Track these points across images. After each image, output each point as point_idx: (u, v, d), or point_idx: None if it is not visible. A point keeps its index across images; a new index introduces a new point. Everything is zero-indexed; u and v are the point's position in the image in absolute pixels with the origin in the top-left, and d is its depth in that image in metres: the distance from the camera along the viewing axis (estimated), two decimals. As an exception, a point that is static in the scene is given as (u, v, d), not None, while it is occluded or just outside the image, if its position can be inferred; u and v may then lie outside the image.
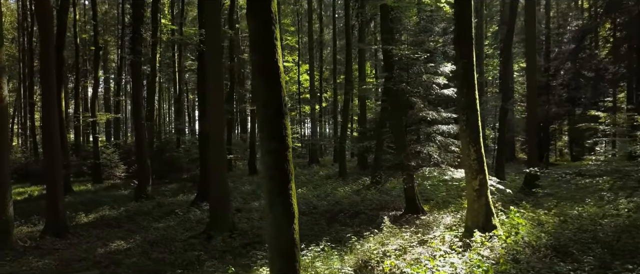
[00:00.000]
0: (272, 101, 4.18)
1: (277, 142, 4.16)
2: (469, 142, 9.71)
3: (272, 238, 4.38)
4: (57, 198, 13.03)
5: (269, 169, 4.19)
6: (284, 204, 4.21)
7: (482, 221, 9.58)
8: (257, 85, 4.26)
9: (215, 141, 11.04)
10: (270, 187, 4.22)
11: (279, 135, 4.16)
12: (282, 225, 4.23)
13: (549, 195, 15.33)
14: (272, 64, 4.17)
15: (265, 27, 4.18)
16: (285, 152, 4.21)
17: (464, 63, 9.72)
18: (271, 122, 4.16)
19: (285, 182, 4.24)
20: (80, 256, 10.49)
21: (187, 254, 9.50)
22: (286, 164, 4.21)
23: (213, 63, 10.92)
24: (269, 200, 4.29)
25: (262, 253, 8.80)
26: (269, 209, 4.30)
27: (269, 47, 4.17)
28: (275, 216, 4.23)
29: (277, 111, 4.19)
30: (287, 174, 4.23)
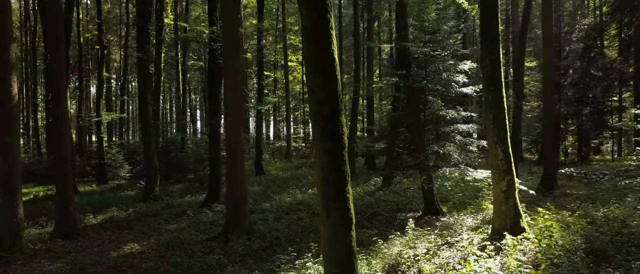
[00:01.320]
0: (328, 96, 3.87)
1: (334, 142, 3.85)
2: (496, 141, 9.42)
3: (328, 246, 4.07)
4: (67, 200, 12.73)
5: (325, 170, 3.87)
6: (342, 210, 3.90)
7: (510, 224, 9.29)
8: (310, 79, 3.95)
9: (232, 141, 10.72)
10: (326, 190, 3.91)
11: (335, 133, 3.85)
12: (339, 232, 3.92)
13: (566, 195, 15.06)
14: (327, 55, 3.85)
15: (319, 15, 3.86)
16: (342, 152, 3.90)
17: (491, 60, 9.42)
18: (327, 120, 3.85)
19: (343, 185, 3.93)
20: (93, 259, 10.17)
21: (206, 258, 9.18)
22: (343, 165, 3.90)
23: (230, 62, 10.62)
24: (324, 205, 3.97)
25: (285, 256, 8.49)
26: (324, 214, 3.99)
27: (324, 38, 3.85)
28: (332, 223, 3.92)
29: (333, 107, 3.88)
30: (344, 176, 3.92)
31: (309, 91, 4.00)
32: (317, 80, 3.87)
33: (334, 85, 3.93)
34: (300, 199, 16.37)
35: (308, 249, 8.93)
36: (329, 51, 3.84)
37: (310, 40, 3.90)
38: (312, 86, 3.94)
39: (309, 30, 3.89)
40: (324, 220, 4.01)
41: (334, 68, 3.88)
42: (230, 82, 10.82)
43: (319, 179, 4.00)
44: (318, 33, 3.84)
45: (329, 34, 3.86)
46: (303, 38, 3.98)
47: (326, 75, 3.87)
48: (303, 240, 10.34)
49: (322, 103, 3.87)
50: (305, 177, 23.67)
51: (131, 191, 22.24)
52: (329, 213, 3.94)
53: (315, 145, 4.00)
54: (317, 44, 3.86)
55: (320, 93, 3.87)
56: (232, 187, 10.87)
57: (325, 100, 3.87)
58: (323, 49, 3.83)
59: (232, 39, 10.75)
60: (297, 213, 13.73)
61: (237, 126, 10.85)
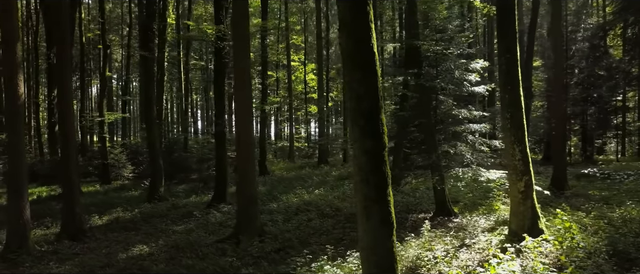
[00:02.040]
0: (367, 93, 3.68)
1: (374, 141, 3.66)
2: (513, 141, 9.24)
3: (368, 251, 3.88)
4: (73, 200, 12.55)
5: (364, 171, 3.69)
6: (383, 213, 3.72)
7: (528, 225, 9.11)
8: (347, 74, 3.76)
9: (243, 141, 10.53)
10: (367, 193, 3.72)
11: (376, 132, 3.67)
12: (380, 236, 3.74)
13: (577, 196, 14.89)
14: (367, 48, 3.66)
15: (359, 6, 3.66)
16: (383, 152, 3.72)
17: (508, 58, 9.25)
18: (366, 117, 3.67)
19: (384, 187, 3.75)
20: (102, 261, 9.99)
21: (219, 260, 8.99)
22: (384, 166, 3.72)
23: (240, 61, 10.44)
24: (364, 207, 3.79)
25: (300, 259, 8.31)
26: (364, 217, 3.80)
27: (363, 30, 3.67)
28: (373, 227, 3.73)
29: (373, 103, 3.69)
30: (385, 177, 3.74)
31: (346, 87, 3.81)
32: (356, 74, 3.67)
33: (374, 80, 3.74)
34: (307, 200, 16.19)
35: (323, 252, 8.75)
36: (368, 44, 3.65)
37: (349, 33, 3.70)
38: (350, 81, 3.75)
39: (348, 22, 3.69)
40: (363, 223, 3.82)
41: (374, 62, 3.69)
42: (240, 81, 10.63)
43: (357, 181, 3.81)
44: (357, 25, 3.65)
45: (368, 25, 3.67)
46: (340, 31, 3.80)
47: (365, 69, 3.68)
48: (316, 242, 10.15)
49: (361, 99, 3.68)
50: (310, 177, 23.49)
51: (135, 192, 22.05)
52: (369, 216, 3.75)
53: (353, 144, 3.81)
54: (356, 37, 3.67)
55: (358, 89, 3.68)
56: (243, 188, 10.68)
57: (365, 96, 3.69)
58: (362, 41, 3.65)
59: (242, 38, 10.57)
60: (306, 214, 13.54)
61: (248, 125, 10.66)
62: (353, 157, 3.87)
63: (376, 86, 3.77)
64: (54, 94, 26.58)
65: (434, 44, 12.00)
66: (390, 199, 3.81)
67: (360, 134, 3.71)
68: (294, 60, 44.25)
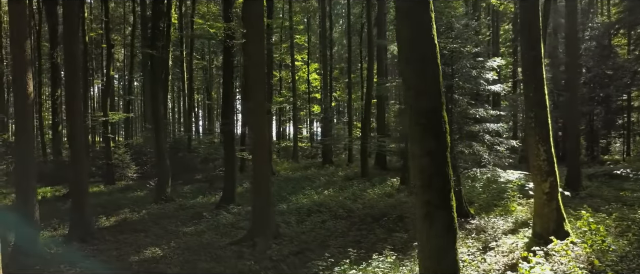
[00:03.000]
0: (429, 88, 3.44)
1: (437, 141, 3.43)
2: (537, 141, 9.01)
3: (431, 259, 3.64)
4: (82, 202, 12.32)
5: (427, 174, 3.45)
6: (447, 219, 3.48)
7: (553, 227, 8.87)
8: (406, 69, 3.51)
9: (258, 141, 10.29)
10: (428, 197, 3.48)
11: (438, 131, 3.43)
12: (443, 244, 3.50)
13: (592, 196, 14.65)
14: (428, 42, 3.42)
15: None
16: (445, 153, 3.48)
17: (533, 57, 9.02)
18: (428, 115, 3.43)
19: (447, 191, 3.51)
20: (114, 264, 9.76)
21: (237, 263, 8.74)
22: (447, 168, 3.48)
23: (256, 59, 10.19)
24: (426, 213, 3.55)
25: (322, 262, 8.07)
26: (426, 224, 3.56)
27: (424, 22, 3.42)
28: (437, 233, 3.50)
29: (434, 100, 3.45)
30: (449, 181, 3.50)
31: (404, 84, 3.57)
32: (416, 69, 3.43)
33: (436, 74, 3.50)
34: (317, 201, 15.95)
35: (343, 255, 8.51)
36: (429, 36, 3.41)
37: (408, 23, 3.46)
38: (409, 77, 3.50)
39: (405, 14, 3.45)
40: (426, 230, 3.58)
41: (435, 54, 3.45)
42: (255, 79, 10.38)
43: (418, 185, 3.57)
44: (416, 16, 3.41)
45: (429, 17, 3.43)
46: (398, 24, 3.56)
47: (427, 63, 3.44)
48: (335, 244, 9.91)
49: (421, 96, 3.44)
50: (317, 178, 23.26)
51: (141, 192, 21.78)
52: (433, 222, 3.51)
53: (412, 145, 3.57)
54: (415, 29, 3.43)
55: (419, 85, 3.44)
56: (259, 188, 10.43)
57: (426, 92, 3.45)
58: (422, 34, 3.41)
59: (257, 36, 10.32)
60: (319, 215, 13.31)
61: (263, 125, 10.42)
62: (411, 158, 3.63)
63: (438, 81, 3.53)
64: (58, 93, 26.36)
65: (450, 42, 11.76)
66: (453, 204, 3.57)
67: (421, 133, 3.47)
68: (297, 60, 43.93)
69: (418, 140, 3.54)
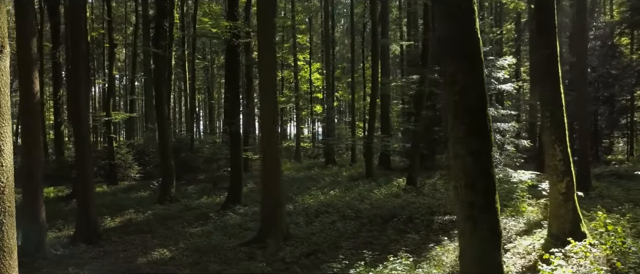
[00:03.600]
0: (473, 85, 3.29)
1: (482, 140, 3.28)
2: (553, 140, 8.86)
3: (475, 265, 3.49)
4: (88, 203, 12.16)
5: (471, 175, 3.30)
6: (492, 222, 3.34)
7: (569, 228, 8.72)
8: (449, 65, 3.37)
9: (268, 140, 10.15)
10: (473, 200, 3.33)
11: (483, 130, 3.29)
12: (489, 249, 3.36)
13: (602, 197, 14.52)
14: (472, 37, 3.28)
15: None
16: (490, 153, 3.34)
17: (548, 54, 8.86)
18: (472, 113, 3.28)
19: (492, 193, 3.36)
20: (122, 266, 9.60)
21: (248, 265, 8.60)
22: (492, 168, 3.34)
23: (266, 57, 10.05)
24: (469, 216, 3.40)
25: (336, 265, 7.93)
26: (469, 227, 3.41)
27: (467, 14, 3.28)
28: (481, 237, 3.35)
29: (479, 97, 3.31)
30: (494, 182, 3.36)
31: (446, 80, 3.43)
32: (460, 65, 3.29)
33: (480, 71, 3.35)
34: (324, 201, 15.81)
35: (357, 257, 8.36)
36: (473, 30, 3.27)
37: (451, 18, 3.31)
38: (452, 73, 3.36)
39: (447, 6, 3.30)
40: (468, 234, 3.43)
41: (479, 51, 3.31)
42: (266, 78, 10.25)
43: (461, 186, 3.43)
44: (459, 9, 3.27)
45: (472, 9, 3.29)
46: (438, 17, 3.42)
47: (471, 59, 3.30)
48: (347, 246, 9.76)
49: (465, 93, 3.30)
50: (321, 178, 23.14)
51: (144, 192, 21.63)
52: (476, 225, 3.36)
53: (455, 145, 3.42)
54: (458, 23, 3.28)
55: (462, 81, 3.30)
56: (269, 189, 10.28)
57: (470, 89, 3.30)
58: (466, 28, 3.26)
59: (268, 33, 10.18)
60: (328, 216, 13.16)
61: (273, 124, 10.27)
62: (453, 158, 3.48)
63: (482, 77, 3.38)
64: (60, 93, 26.22)
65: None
66: (498, 206, 3.43)
67: (466, 132, 3.32)
68: (299, 59, 43.78)
69: (462, 139, 3.39)
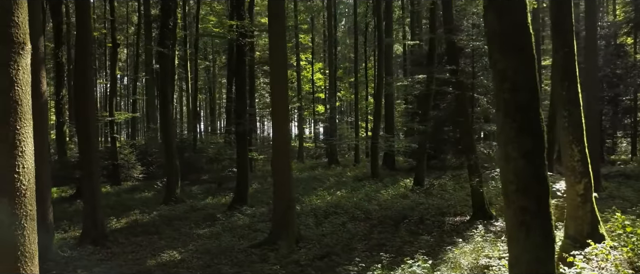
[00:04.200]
0: (525, 81, 3.14)
1: (535, 140, 3.13)
2: (571, 141, 8.71)
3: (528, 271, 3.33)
4: (95, 203, 11.99)
5: (522, 178, 3.15)
6: (545, 227, 3.19)
7: (587, 230, 8.57)
8: (499, 60, 3.22)
9: (279, 141, 9.99)
10: (526, 204, 3.18)
11: (536, 129, 3.14)
12: (542, 255, 3.21)
13: (612, 197, 14.40)
14: (524, 29, 3.13)
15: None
16: (544, 155, 3.19)
17: (565, 53, 8.71)
18: (524, 111, 3.13)
19: (546, 196, 3.22)
20: (132, 268, 9.46)
21: (262, 268, 8.44)
22: (545, 170, 3.19)
23: (278, 57, 9.90)
24: (521, 221, 3.24)
25: (352, 267, 7.79)
26: (522, 232, 3.26)
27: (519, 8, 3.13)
28: (534, 243, 3.19)
29: (531, 94, 3.16)
30: (547, 185, 3.21)
31: (496, 76, 3.28)
32: (510, 60, 3.14)
33: (532, 67, 3.20)
34: (332, 202, 15.68)
35: (372, 259, 8.22)
36: (525, 24, 3.12)
37: (501, 10, 3.16)
38: (502, 69, 3.21)
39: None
40: (521, 240, 3.28)
41: (531, 45, 3.16)
42: (277, 78, 10.10)
43: (512, 190, 3.27)
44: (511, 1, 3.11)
45: (524, 1, 3.14)
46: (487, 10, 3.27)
47: (522, 54, 3.15)
48: (361, 248, 9.61)
49: (517, 90, 3.15)
50: (326, 178, 23.00)
51: (148, 193, 21.48)
52: (529, 231, 3.21)
53: (506, 145, 3.27)
54: (510, 15, 3.13)
55: (513, 77, 3.15)
56: (281, 190, 10.12)
57: (522, 86, 3.16)
58: (518, 21, 3.12)
59: (279, 33, 10.04)
60: (337, 217, 13.03)
61: (285, 125, 10.13)
62: (502, 160, 3.34)
63: (534, 73, 3.24)
64: (63, 93, 26.04)
65: (474, 39, 11.49)
66: (551, 211, 3.29)
67: (517, 131, 3.17)
68: (301, 59, 43.64)
69: (513, 140, 3.24)
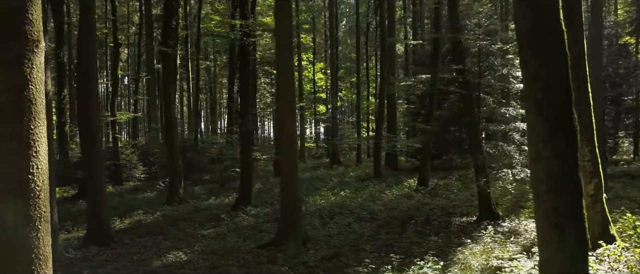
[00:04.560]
0: (558, 80, 3.08)
1: (568, 140, 3.07)
2: (581, 141, 8.64)
3: (561, 272, 3.26)
4: (99, 203, 11.92)
5: (555, 178, 3.08)
6: (579, 229, 3.12)
7: (598, 231, 8.52)
8: (529, 58, 3.15)
9: (286, 140, 9.93)
10: (559, 205, 3.11)
11: (570, 129, 3.07)
12: (576, 257, 3.14)
13: (619, 197, 14.34)
14: (554, 29, 3.07)
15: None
16: (576, 155, 3.13)
17: (576, 51, 8.64)
18: (558, 111, 3.06)
19: (579, 197, 3.15)
20: (138, 269, 9.39)
21: (270, 269, 8.37)
22: (578, 171, 3.12)
23: (285, 56, 9.84)
24: (555, 223, 3.17)
25: (362, 269, 7.71)
26: (556, 235, 3.19)
27: (550, 6, 3.06)
28: (568, 245, 3.12)
29: (564, 93, 3.10)
30: (580, 185, 3.14)
31: (527, 74, 3.21)
32: (543, 59, 3.07)
33: (565, 65, 3.14)
34: (336, 202, 15.62)
35: (382, 260, 8.16)
36: (558, 21, 3.06)
37: (532, 9, 3.10)
38: (534, 68, 3.14)
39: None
40: (554, 243, 3.21)
41: (563, 43, 3.10)
42: (283, 77, 10.03)
43: (542, 191, 3.21)
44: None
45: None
46: (518, 9, 3.20)
47: (554, 52, 3.08)
48: (369, 249, 9.54)
49: (550, 89, 3.08)
50: (329, 178, 22.94)
51: (151, 193, 21.39)
52: (563, 232, 3.14)
53: (537, 145, 3.20)
54: (542, 14, 3.07)
55: (546, 76, 3.08)
56: (288, 191, 10.05)
57: (555, 85, 3.09)
58: (550, 19, 3.05)
59: (286, 33, 9.97)
60: (342, 218, 12.97)
61: (292, 124, 10.06)
62: (534, 160, 3.27)
63: (567, 71, 3.18)
64: (64, 93, 25.95)
65: (481, 38, 11.43)
66: (585, 213, 3.22)
67: (550, 131, 3.10)
68: (303, 59, 43.54)
69: (545, 139, 3.18)
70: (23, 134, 3.51)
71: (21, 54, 3.42)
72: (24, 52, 3.44)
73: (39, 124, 3.66)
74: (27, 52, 3.47)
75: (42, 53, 3.63)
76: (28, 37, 3.50)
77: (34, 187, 3.60)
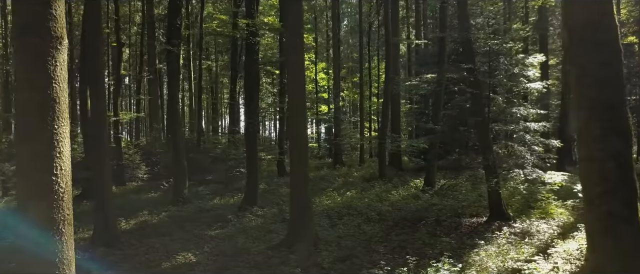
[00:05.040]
0: (612, 78, 2.97)
1: (622, 142, 2.96)
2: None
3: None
4: (106, 204, 11.81)
5: (611, 180, 2.96)
6: (633, 234, 3.01)
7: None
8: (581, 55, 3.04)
9: (297, 141, 9.83)
10: (613, 208, 3.01)
11: (624, 129, 2.97)
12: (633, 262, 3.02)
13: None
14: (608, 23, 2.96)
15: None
16: (631, 156, 3.01)
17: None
18: (610, 111, 2.95)
19: (634, 201, 3.04)
20: (147, 271, 9.26)
21: (283, 271, 8.25)
22: (633, 172, 3.01)
23: (296, 56, 9.75)
24: (609, 226, 3.06)
25: (377, 270, 7.59)
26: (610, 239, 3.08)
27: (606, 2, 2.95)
28: (624, 250, 3.02)
29: (618, 92, 2.99)
30: (636, 189, 3.02)
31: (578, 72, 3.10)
32: (595, 55, 2.96)
33: (619, 62, 3.03)
34: (343, 202, 15.53)
35: (397, 262, 8.05)
36: (611, 15, 2.95)
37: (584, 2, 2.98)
38: (585, 64, 3.04)
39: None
40: (608, 246, 3.10)
41: (618, 40, 2.99)
42: (294, 77, 9.94)
43: (596, 193, 3.09)
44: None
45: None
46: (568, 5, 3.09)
47: (609, 49, 2.97)
48: (382, 251, 9.43)
49: (602, 87, 2.98)
50: (333, 178, 22.85)
51: (154, 193, 21.26)
52: (618, 237, 3.03)
53: (590, 146, 3.09)
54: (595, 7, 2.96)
55: (597, 73, 2.97)
56: (298, 191, 9.95)
57: (608, 83, 2.98)
58: (604, 13, 2.94)
59: (296, 32, 9.89)
60: (351, 218, 12.88)
61: (302, 124, 9.96)
62: (585, 161, 3.16)
63: (621, 69, 3.07)
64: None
65: (492, 37, 11.33)
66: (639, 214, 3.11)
67: (604, 131, 2.98)
68: (305, 59, 43.35)
69: (598, 139, 3.06)
70: (46, 134, 3.40)
71: (45, 51, 3.31)
72: (48, 49, 3.33)
73: (63, 124, 3.55)
74: (51, 49, 3.36)
75: (65, 50, 3.52)
76: (52, 34, 3.39)
77: (57, 189, 3.49)
